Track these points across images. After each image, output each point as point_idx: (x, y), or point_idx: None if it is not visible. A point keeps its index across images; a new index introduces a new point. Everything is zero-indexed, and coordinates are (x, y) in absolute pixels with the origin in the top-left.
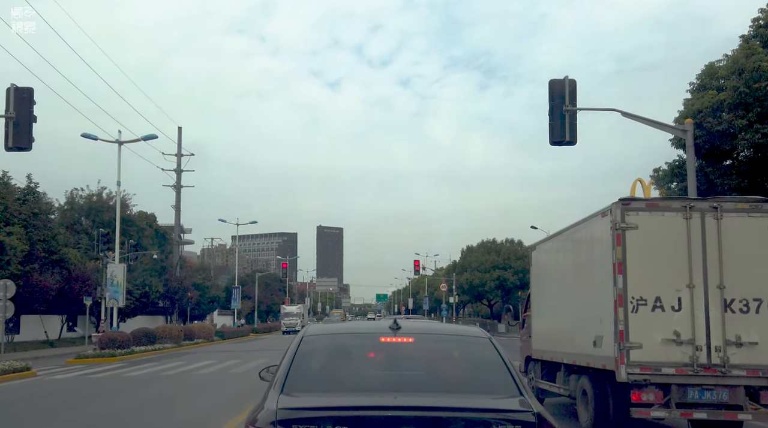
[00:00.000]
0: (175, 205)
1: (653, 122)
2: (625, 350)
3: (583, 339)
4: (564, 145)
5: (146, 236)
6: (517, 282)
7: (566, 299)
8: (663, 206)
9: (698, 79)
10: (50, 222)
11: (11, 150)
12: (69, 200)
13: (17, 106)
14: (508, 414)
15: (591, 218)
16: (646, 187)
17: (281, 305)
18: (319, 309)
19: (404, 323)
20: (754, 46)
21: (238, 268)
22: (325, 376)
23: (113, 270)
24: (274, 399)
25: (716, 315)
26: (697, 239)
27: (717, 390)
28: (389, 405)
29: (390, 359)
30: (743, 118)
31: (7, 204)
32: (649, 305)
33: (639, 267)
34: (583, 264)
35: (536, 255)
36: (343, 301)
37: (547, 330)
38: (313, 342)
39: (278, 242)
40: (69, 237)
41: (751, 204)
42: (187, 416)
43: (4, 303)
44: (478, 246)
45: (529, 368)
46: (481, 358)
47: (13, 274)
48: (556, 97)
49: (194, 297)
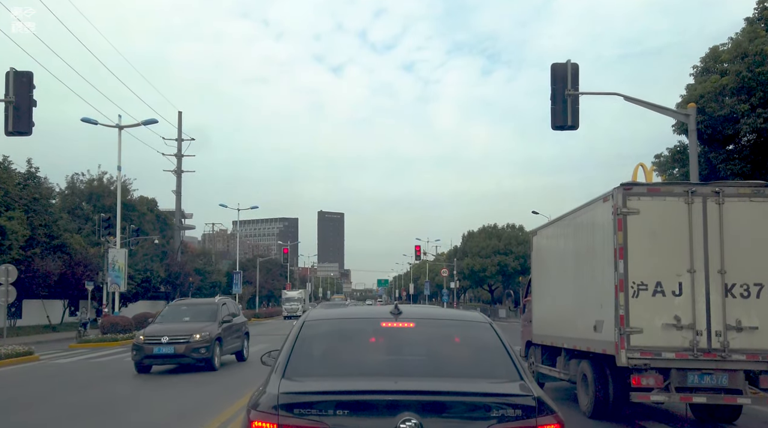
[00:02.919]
0: (175, 190)
1: (655, 106)
2: (626, 335)
3: (583, 324)
4: (566, 130)
5: (147, 221)
6: (518, 267)
7: (567, 284)
8: (665, 191)
9: (701, 63)
10: (51, 207)
11: (11, 134)
12: (70, 185)
13: (17, 90)
14: (509, 398)
15: (592, 203)
16: (648, 172)
17: (282, 290)
18: (321, 294)
19: (405, 308)
20: (758, 29)
21: (239, 253)
22: (326, 361)
23: (114, 255)
24: (275, 383)
25: (717, 299)
26: (698, 224)
27: (716, 374)
28: (390, 389)
29: (391, 344)
30: (746, 102)
31: (7, 188)
32: (650, 290)
33: (640, 252)
34: (585, 250)
35: (537, 240)
36: (344, 286)
37: (548, 315)
38: (314, 326)
39: (279, 227)
40: (70, 222)
41: (753, 189)
42: (190, 399)
43: (6, 287)
44: (479, 231)
45: (529, 353)
46: (481, 343)
47: (15, 259)
48: (558, 81)
49: (195, 282)
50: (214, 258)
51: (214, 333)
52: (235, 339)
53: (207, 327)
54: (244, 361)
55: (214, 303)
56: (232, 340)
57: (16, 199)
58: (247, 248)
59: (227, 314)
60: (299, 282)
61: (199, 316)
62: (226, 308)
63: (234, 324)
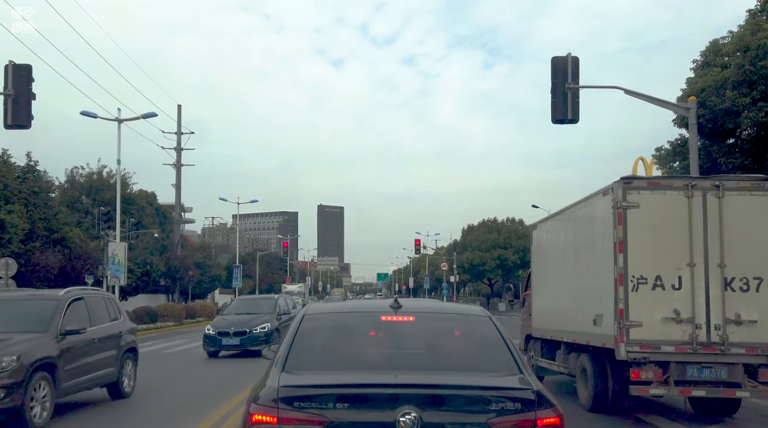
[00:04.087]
0: (175, 184)
1: (656, 100)
2: (625, 328)
3: (583, 318)
4: (566, 123)
5: (147, 215)
6: (518, 261)
7: (567, 278)
8: (665, 184)
9: (702, 57)
10: (51, 200)
11: (10, 127)
12: (69, 178)
13: (16, 83)
14: (508, 391)
15: (592, 197)
16: (648, 166)
17: (282, 284)
18: (320, 288)
19: (405, 302)
20: (760, 21)
21: (239, 247)
22: (326, 354)
23: (114, 248)
24: (275, 376)
25: (716, 293)
26: (698, 217)
27: (716, 367)
28: (390, 382)
29: (391, 337)
30: (747, 96)
31: (7, 182)
32: (650, 284)
33: (640, 245)
34: (584, 243)
35: (537, 234)
36: (344, 280)
37: (548, 308)
38: (314, 320)
39: (279, 221)
40: (69, 215)
41: (753, 182)
42: (190, 393)
43: (6, 281)
44: (479, 225)
45: (529, 346)
46: (481, 337)
47: (15, 253)
48: (558, 75)
49: (195, 276)
50: (214, 252)
51: (273, 325)
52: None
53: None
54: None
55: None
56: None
57: (15, 193)
58: (247, 242)
59: (284, 309)
60: (299, 276)
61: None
62: (283, 302)
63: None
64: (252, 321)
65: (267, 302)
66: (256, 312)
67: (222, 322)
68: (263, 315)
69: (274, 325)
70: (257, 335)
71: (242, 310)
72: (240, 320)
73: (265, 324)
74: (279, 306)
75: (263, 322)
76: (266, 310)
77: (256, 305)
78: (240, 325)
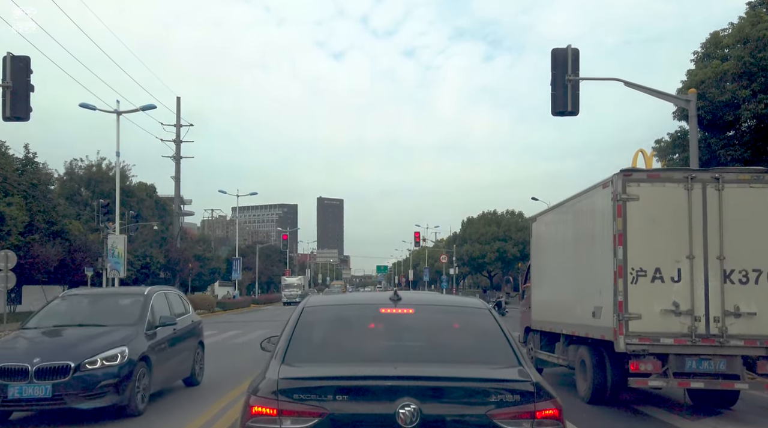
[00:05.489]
0: (174, 176)
1: (656, 92)
2: (624, 321)
3: (582, 310)
4: (566, 116)
5: (146, 207)
6: (518, 253)
7: (566, 270)
8: (664, 177)
9: (702, 49)
10: (50, 193)
11: (9, 119)
12: (68, 171)
13: (14, 75)
14: (508, 384)
15: (592, 189)
16: (648, 158)
17: (282, 276)
18: (320, 280)
19: (404, 294)
20: (760, 13)
21: (239, 240)
22: (325, 347)
23: (114, 241)
24: (275, 369)
25: (715, 285)
26: (698, 210)
27: (714, 359)
28: (389, 375)
29: (390, 330)
30: (747, 88)
31: (5, 174)
32: (649, 276)
33: (639, 238)
34: (584, 236)
35: (537, 226)
36: (344, 273)
37: (547, 301)
38: (314, 313)
39: (278, 213)
40: (69, 208)
41: (753, 175)
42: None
43: (5, 273)
44: (478, 217)
45: (528, 339)
46: (480, 329)
47: (14, 245)
48: (558, 67)
49: (195, 269)
50: (213, 245)
51: (138, 349)
52: (178, 356)
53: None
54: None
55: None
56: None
57: (14, 185)
58: (247, 234)
59: (164, 315)
60: (298, 269)
61: (110, 318)
62: (161, 303)
63: (179, 330)
64: (88, 341)
65: (126, 303)
66: (102, 324)
67: (18, 345)
68: (115, 331)
69: (140, 350)
70: (95, 375)
71: (71, 319)
72: (58, 342)
73: (119, 350)
74: (153, 311)
75: (113, 344)
76: (123, 319)
77: (103, 308)
78: (55, 352)
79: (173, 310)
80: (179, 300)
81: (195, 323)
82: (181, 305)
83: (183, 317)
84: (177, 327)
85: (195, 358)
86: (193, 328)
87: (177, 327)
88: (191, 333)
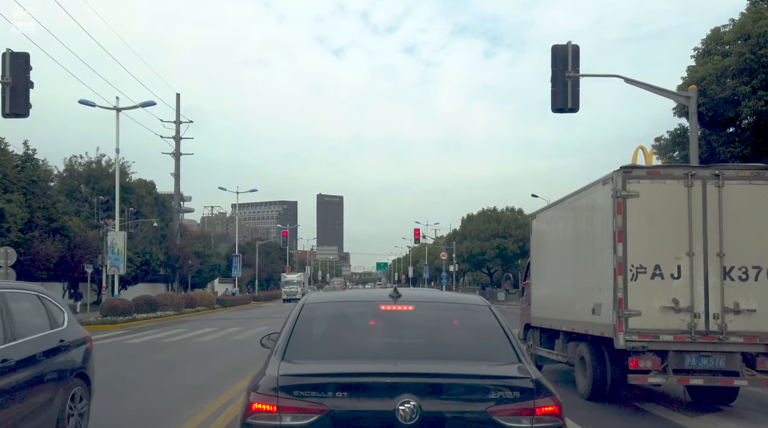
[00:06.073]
0: (174, 173)
1: (656, 88)
2: (624, 317)
3: (582, 307)
4: (566, 112)
5: (146, 204)
6: (517, 250)
7: (566, 267)
8: (664, 174)
9: (703, 45)
10: (49, 189)
11: (8, 116)
12: (68, 167)
13: (13, 71)
14: (507, 380)
15: (592, 186)
16: (648, 155)
17: (282, 273)
18: (320, 277)
19: (404, 291)
20: (761, 9)
21: (239, 237)
22: (325, 343)
23: (114, 237)
24: (275, 365)
25: (715, 282)
26: (698, 207)
27: (714, 356)
28: (389, 371)
29: (390, 326)
30: (747, 84)
31: (5, 171)
32: (649, 273)
33: (639, 235)
34: (584, 233)
35: (536, 223)
36: (344, 270)
37: (547, 297)
38: (313, 309)
39: (278, 210)
40: (68, 204)
41: (753, 171)
42: (190, 382)
43: (5, 270)
44: (478, 214)
45: (528, 335)
46: (480, 326)
47: (14, 242)
48: (558, 63)
49: (195, 265)
50: (213, 242)
51: None
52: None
53: None
54: None
55: None
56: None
57: (14, 182)
58: (246, 231)
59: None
60: (298, 266)
61: None
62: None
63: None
64: None
65: None
66: None
67: None
68: None
69: None
70: None
71: None
72: None
73: None
74: None
75: None
76: None
77: None
78: None
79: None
80: (40, 305)
81: (69, 344)
82: (40, 315)
83: (40, 336)
84: (20, 351)
85: (62, 408)
86: (63, 353)
87: (20, 351)
88: (55, 362)
